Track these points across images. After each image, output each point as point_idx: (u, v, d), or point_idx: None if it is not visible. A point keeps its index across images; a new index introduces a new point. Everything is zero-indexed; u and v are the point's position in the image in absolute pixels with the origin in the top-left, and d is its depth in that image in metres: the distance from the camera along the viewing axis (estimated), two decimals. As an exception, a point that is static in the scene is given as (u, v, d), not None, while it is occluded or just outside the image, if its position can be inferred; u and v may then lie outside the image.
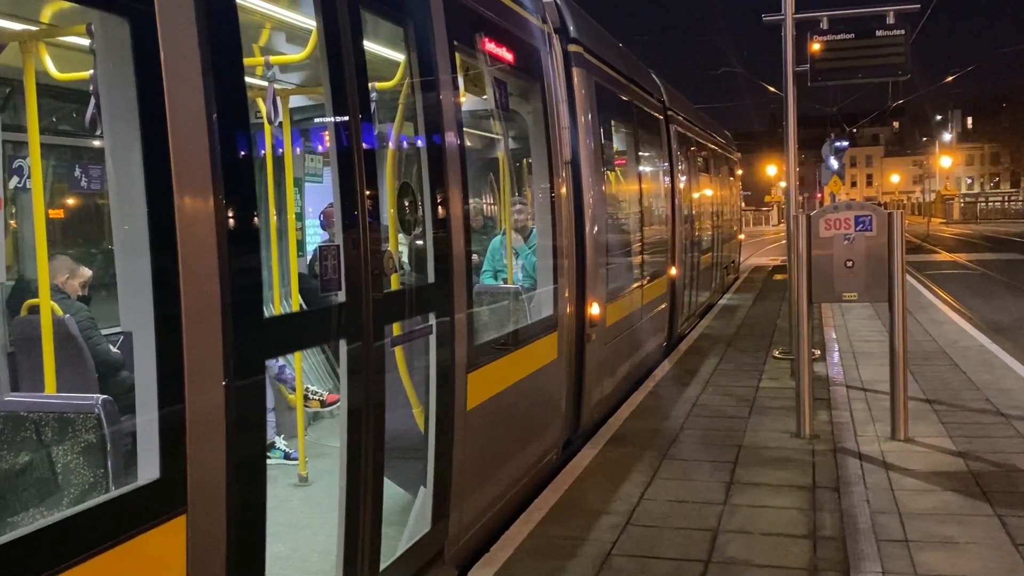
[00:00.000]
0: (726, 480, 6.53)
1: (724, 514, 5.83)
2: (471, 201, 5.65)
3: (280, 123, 5.99)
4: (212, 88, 2.93)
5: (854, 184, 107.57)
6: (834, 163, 30.31)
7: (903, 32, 10.08)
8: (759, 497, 6.15)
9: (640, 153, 10.87)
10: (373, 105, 4.33)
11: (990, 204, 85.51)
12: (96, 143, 5.83)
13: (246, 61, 4.01)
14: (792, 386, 8.62)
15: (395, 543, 4.44)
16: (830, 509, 5.85)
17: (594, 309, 7.63)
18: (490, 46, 5.75)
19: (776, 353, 11.64)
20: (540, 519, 5.78)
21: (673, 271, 12.31)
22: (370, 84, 4.21)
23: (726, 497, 6.16)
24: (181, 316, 2.77)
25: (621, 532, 5.54)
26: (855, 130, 60.82)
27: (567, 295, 6.99)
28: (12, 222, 5.43)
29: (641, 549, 5.28)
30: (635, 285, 9.84)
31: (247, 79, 3.93)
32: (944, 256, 33.49)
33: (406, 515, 4.70)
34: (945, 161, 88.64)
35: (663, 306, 11.70)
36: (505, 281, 7.23)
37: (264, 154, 6.20)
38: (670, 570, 5.00)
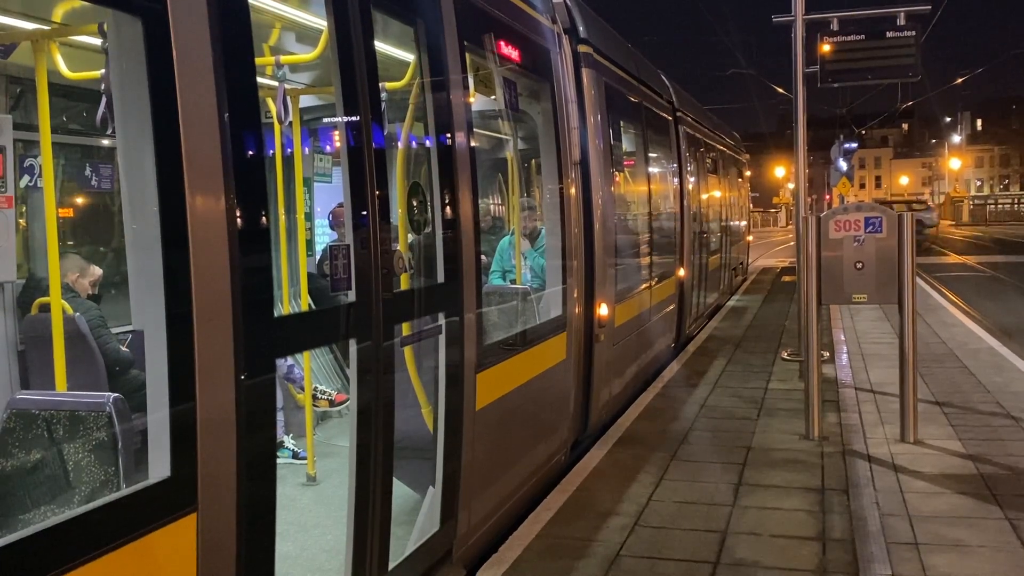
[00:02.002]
0: (735, 481, 6.51)
1: (733, 515, 5.82)
2: (480, 201, 5.65)
3: (290, 123, 6.00)
4: (224, 88, 2.94)
5: (863, 186, 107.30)
6: (843, 164, 30.21)
7: (913, 33, 10.03)
8: (768, 499, 6.14)
9: (649, 154, 10.86)
10: (383, 105, 4.34)
11: (1000, 206, 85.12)
12: (107, 142, 5.86)
13: (256, 61, 4.02)
14: (801, 388, 8.60)
15: (404, 543, 4.44)
16: (839, 511, 5.83)
17: (603, 310, 7.62)
18: (500, 46, 5.75)
19: (785, 355, 11.61)
20: (548, 519, 5.77)
21: (681, 272, 12.29)
22: (380, 84, 4.21)
23: (735, 498, 6.15)
24: (192, 314, 2.78)
25: (630, 533, 5.54)
26: (864, 131, 60.62)
27: (576, 295, 6.98)
28: (23, 221, 5.45)
29: (650, 550, 5.28)
30: (644, 286, 9.83)
31: (258, 79, 3.94)
32: (953, 258, 33.36)
33: (415, 515, 4.70)
34: (954, 163, 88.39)
35: (671, 307, 11.68)
36: (513, 281, 7.23)
37: (274, 154, 6.22)
38: (679, 571, 4.99)
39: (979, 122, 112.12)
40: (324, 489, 5.85)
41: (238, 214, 2.97)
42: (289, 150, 6.35)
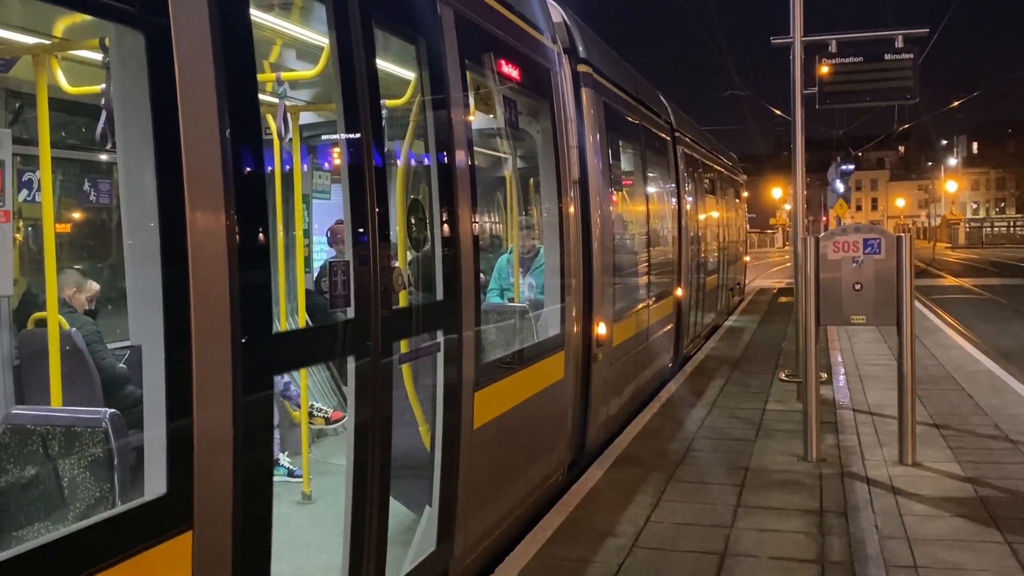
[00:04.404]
0: (733, 503, 6.47)
1: (731, 537, 5.78)
2: (480, 219, 5.65)
3: (290, 139, 6.00)
4: (225, 104, 2.93)
5: (859, 208, 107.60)
6: (840, 186, 30.29)
7: (911, 56, 10.09)
8: (766, 521, 6.10)
9: (647, 174, 10.88)
10: (384, 122, 4.33)
11: (995, 229, 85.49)
12: (105, 157, 5.85)
13: (258, 77, 4.02)
14: (799, 409, 8.58)
15: (400, 562, 4.41)
16: (838, 534, 5.80)
17: (601, 329, 7.60)
18: (501, 65, 5.76)
19: (782, 376, 11.59)
20: (546, 540, 5.73)
21: (679, 292, 12.28)
22: (381, 101, 4.21)
23: (733, 520, 6.11)
24: (191, 331, 2.76)
25: (627, 554, 5.50)
26: (860, 154, 60.84)
27: (574, 314, 6.96)
28: (19, 236, 5.44)
29: (648, 572, 5.23)
30: (641, 305, 9.82)
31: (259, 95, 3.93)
32: (950, 281, 33.42)
33: (411, 534, 4.66)
34: (951, 186, 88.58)
35: (669, 327, 11.67)
36: (512, 300, 7.22)
37: (273, 170, 6.21)
38: (677, 593, 4.95)
39: (975, 145, 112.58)
40: (320, 508, 5.80)
41: (237, 230, 2.96)
42: (288, 167, 6.34)
